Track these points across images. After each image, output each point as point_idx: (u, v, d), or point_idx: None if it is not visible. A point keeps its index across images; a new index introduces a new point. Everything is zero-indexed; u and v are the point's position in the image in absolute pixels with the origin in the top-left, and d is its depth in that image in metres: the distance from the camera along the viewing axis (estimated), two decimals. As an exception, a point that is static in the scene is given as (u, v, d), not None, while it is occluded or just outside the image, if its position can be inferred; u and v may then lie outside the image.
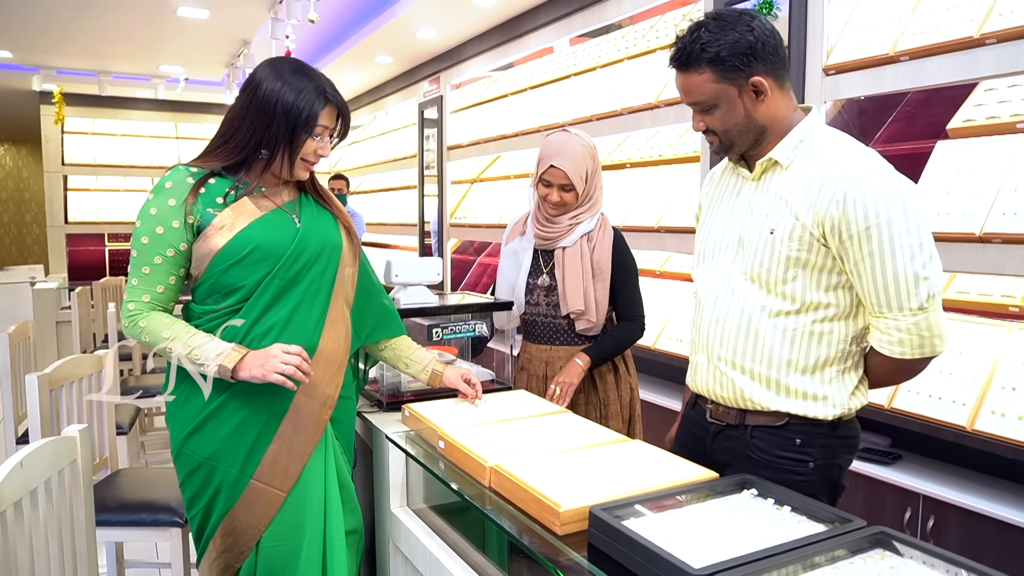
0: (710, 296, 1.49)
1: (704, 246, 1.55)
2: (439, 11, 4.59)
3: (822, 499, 1.39)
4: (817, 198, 1.32)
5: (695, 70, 1.36)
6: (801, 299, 1.37)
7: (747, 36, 1.32)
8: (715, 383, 1.48)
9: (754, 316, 1.40)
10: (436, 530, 1.63)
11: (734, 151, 1.44)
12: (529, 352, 2.23)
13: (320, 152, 1.57)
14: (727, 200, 1.51)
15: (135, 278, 1.51)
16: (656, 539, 1.04)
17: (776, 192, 1.39)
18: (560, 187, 2.08)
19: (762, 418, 1.43)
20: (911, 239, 1.27)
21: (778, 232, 1.36)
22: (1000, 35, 2.02)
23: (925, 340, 1.32)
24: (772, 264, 1.37)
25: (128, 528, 2.09)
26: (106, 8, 5.12)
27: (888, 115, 2.66)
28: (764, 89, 1.35)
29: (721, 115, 1.38)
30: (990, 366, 2.10)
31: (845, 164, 1.31)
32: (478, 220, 5.11)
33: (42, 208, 9.37)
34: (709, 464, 1.43)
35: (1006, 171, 2.09)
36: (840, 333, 1.38)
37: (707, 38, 1.33)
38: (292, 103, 1.49)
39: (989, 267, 2.04)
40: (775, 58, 1.35)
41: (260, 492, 1.54)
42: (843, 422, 1.42)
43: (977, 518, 1.97)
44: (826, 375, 1.39)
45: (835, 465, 1.44)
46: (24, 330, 3.14)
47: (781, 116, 1.39)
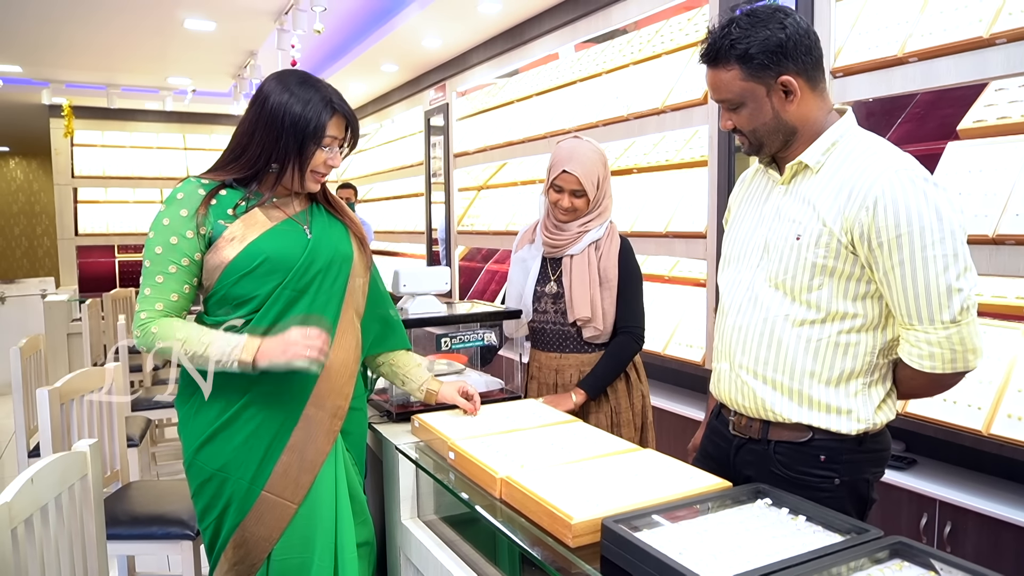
0: (733, 303, 1.45)
1: (730, 251, 1.51)
2: (444, 19, 4.60)
3: (851, 514, 1.35)
4: (847, 203, 1.28)
5: (724, 66, 1.33)
6: (826, 308, 1.32)
7: (779, 34, 1.29)
8: (736, 392, 1.44)
9: (777, 324, 1.37)
10: (447, 541, 1.62)
11: (764, 152, 1.40)
12: (539, 360, 2.22)
13: (330, 163, 1.57)
14: (755, 204, 1.47)
15: (148, 287, 1.50)
16: (670, 551, 1.03)
17: (804, 197, 1.35)
18: (572, 193, 2.08)
19: (785, 432, 1.39)
20: (945, 249, 1.22)
21: (804, 238, 1.32)
22: (1010, 35, 2.00)
23: (958, 354, 1.26)
24: (797, 271, 1.33)
25: (139, 542, 2.09)
26: (114, 22, 5.17)
27: (897, 117, 2.64)
28: (794, 89, 1.31)
29: (748, 114, 1.35)
30: (1006, 369, 2.07)
31: (877, 169, 1.26)
32: (485, 227, 5.10)
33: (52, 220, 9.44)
34: (732, 476, 1.41)
35: (1018, 172, 2.07)
36: (867, 345, 1.33)
37: (737, 34, 1.30)
38: (300, 115, 1.49)
39: (1003, 269, 2.02)
40: (808, 58, 1.32)
41: (271, 504, 1.54)
42: (870, 436, 1.37)
43: (995, 524, 1.94)
44: (851, 388, 1.35)
45: (863, 480, 1.39)
46: (35, 344, 3.15)
47: (813, 118, 1.35)
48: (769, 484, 1.31)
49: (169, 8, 4.81)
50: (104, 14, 4.97)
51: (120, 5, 4.76)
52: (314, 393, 1.56)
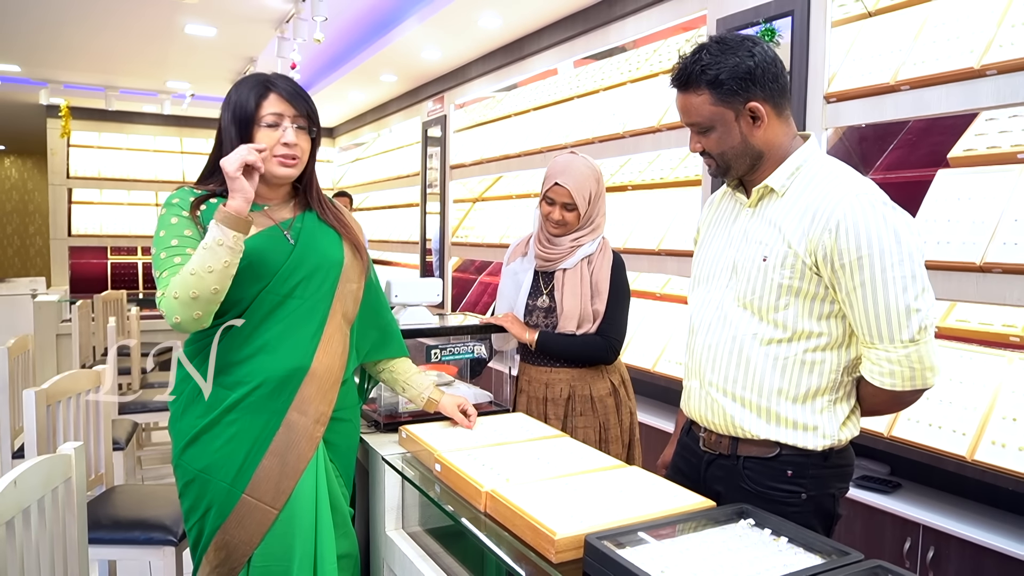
0: (703, 322, 1.49)
1: (699, 272, 1.55)
2: (443, 32, 4.63)
3: (817, 529, 1.39)
4: (810, 226, 1.32)
5: (694, 91, 1.37)
6: (793, 327, 1.36)
7: (747, 61, 1.33)
8: (707, 409, 1.47)
9: (746, 343, 1.40)
10: (431, 554, 1.62)
11: (731, 174, 1.44)
12: (529, 374, 2.22)
13: (284, 140, 1.55)
14: (724, 226, 1.51)
15: (166, 271, 1.48)
16: (652, 569, 1.03)
17: (770, 219, 1.39)
18: (563, 206, 2.10)
19: (754, 448, 1.42)
20: (904, 271, 1.26)
21: (771, 259, 1.36)
22: (1000, 66, 2.03)
23: (916, 372, 1.30)
24: (764, 291, 1.37)
25: (121, 546, 2.07)
26: (114, 25, 5.18)
27: (889, 143, 2.67)
28: (761, 115, 1.35)
29: (717, 137, 1.38)
30: (990, 396, 2.09)
31: (839, 193, 1.31)
32: (479, 239, 5.12)
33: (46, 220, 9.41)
34: (703, 491, 1.42)
35: (1007, 201, 2.09)
36: (832, 363, 1.37)
37: (708, 60, 1.34)
38: (235, 103, 1.56)
39: (990, 296, 2.04)
40: (774, 85, 1.36)
41: (251, 507, 1.54)
42: (835, 452, 1.40)
43: (977, 550, 1.95)
44: (817, 405, 1.38)
45: (828, 495, 1.43)
46: (23, 344, 3.14)
47: (778, 143, 1.39)
48: (737, 499, 1.34)
49: (170, 12, 4.82)
50: (105, 17, 4.98)
51: (121, 8, 4.77)
52: (297, 397, 1.56)
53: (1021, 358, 2.11)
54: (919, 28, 2.36)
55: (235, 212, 1.45)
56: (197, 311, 1.44)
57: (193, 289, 1.42)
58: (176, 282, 1.43)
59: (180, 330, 1.47)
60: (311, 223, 1.65)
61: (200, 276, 1.42)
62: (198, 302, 1.43)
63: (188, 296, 1.42)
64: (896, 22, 2.45)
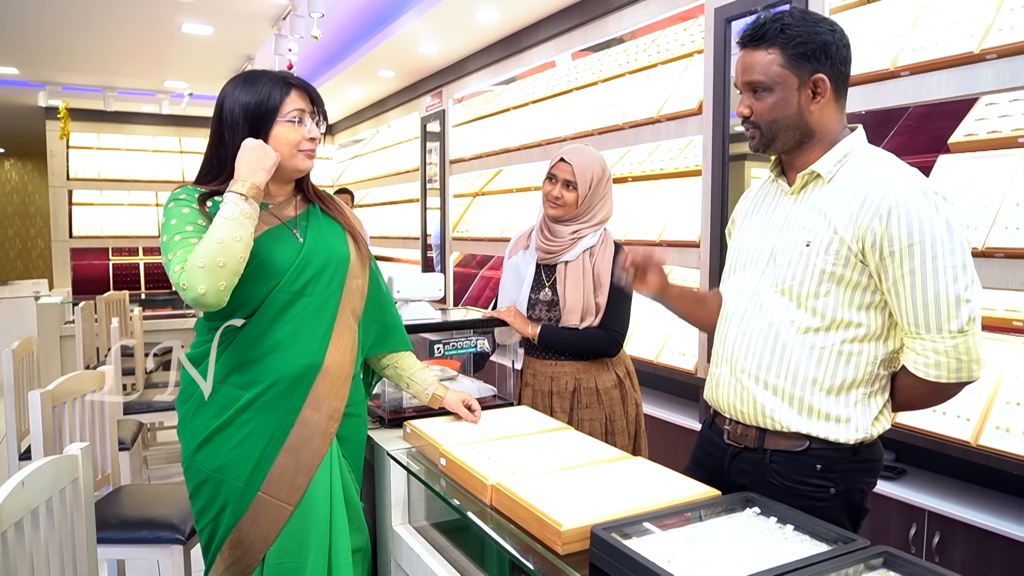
0: (738, 308, 1.46)
1: (735, 259, 1.52)
2: (441, 26, 4.62)
3: (844, 524, 1.36)
4: (859, 212, 1.29)
5: (765, 48, 1.34)
6: (832, 316, 1.34)
7: (827, 36, 1.33)
8: (736, 397, 1.44)
9: (782, 330, 1.37)
10: (438, 548, 1.62)
11: (774, 148, 1.40)
12: (533, 368, 2.22)
13: (309, 135, 1.59)
14: (762, 214, 1.49)
15: (179, 250, 1.44)
16: (659, 559, 1.03)
17: (815, 206, 1.36)
18: (564, 183, 2.12)
19: (782, 441, 1.39)
20: (955, 260, 1.24)
21: (814, 245, 1.34)
22: (1000, 50, 2.02)
23: (963, 364, 1.28)
24: (805, 277, 1.34)
25: (129, 545, 2.08)
26: (111, 25, 5.17)
27: (890, 129, 2.66)
28: (824, 90, 1.34)
29: (773, 102, 1.35)
30: (994, 381, 2.09)
31: (890, 180, 1.29)
32: (480, 233, 5.12)
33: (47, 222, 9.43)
34: (726, 486, 1.41)
35: (1008, 185, 2.09)
36: (869, 355, 1.35)
37: (789, 21, 1.33)
38: (253, 101, 1.54)
39: (992, 282, 2.04)
40: (843, 68, 1.36)
41: (267, 505, 1.54)
42: (865, 446, 1.38)
43: (983, 534, 1.95)
44: (851, 397, 1.36)
45: (857, 489, 1.40)
46: (28, 346, 3.15)
47: (831, 128, 1.37)
48: (764, 493, 1.32)
49: (167, 12, 4.82)
50: (102, 17, 4.98)
51: (118, 8, 4.76)
52: (311, 395, 1.57)
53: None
54: (918, 13, 2.35)
55: (260, 185, 1.47)
56: (223, 281, 1.40)
57: (220, 257, 1.39)
58: (200, 252, 1.40)
59: (201, 305, 1.41)
60: (316, 218, 1.66)
61: (227, 244, 1.40)
62: (225, 271, 1.40)
63: (216, 264, 1.39)
64: (895, 7, 2.44)
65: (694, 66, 3.26)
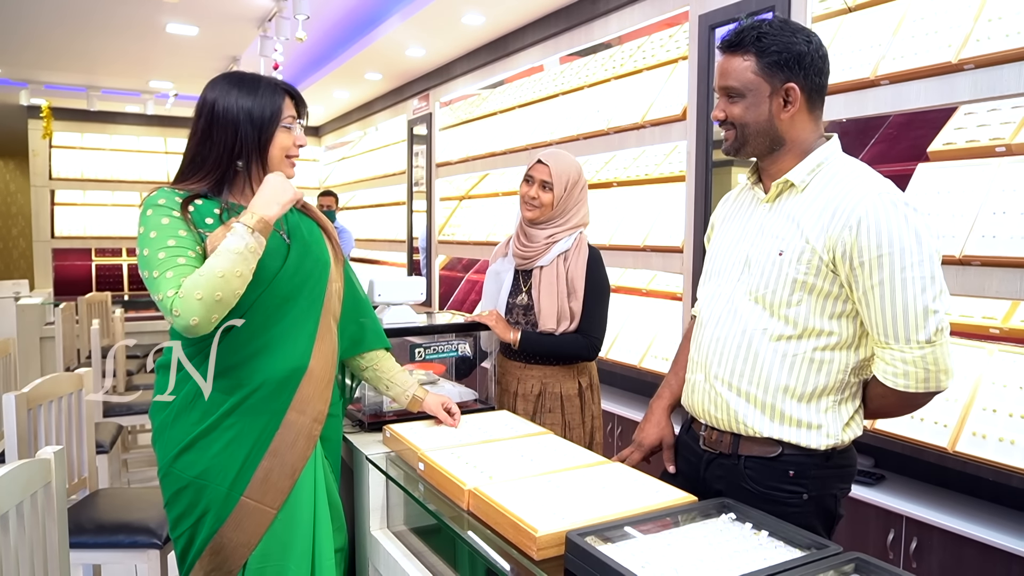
0: (712, 315, 1.47)
1: (711, 265, 1.53)
2: (428, 30, 4.62)
3: (818, 529, 1.37)
4: (830, 222, 1.31)
5: (741, 54, 1.36)
6: (803, 324, 1.35)
7: (802, 46, 1.34)
8: (710, 403, 1.46)
9: (755, 338, 1.39)
10: (415, 552, 1.62)
11: (744, 152, 1.42)
12: (503, 367, 2.24)
13: (299, 142, 1.61)
14: (738, 221, 1.50)
15: (169, 271, 1.41)
16: (632, 565, 1.03)
17: (788, 215, 1.38)
18: (540, 184, 2.15)
19: (755, 447, 1.41)
20: (923, 271, 1.26)
21: (787, 254, 1.35)
22: (978, 60, 2.05)
23: (931, 374, 1.29)
24: (778, 285, 1.36)
25: (105, 550, 2.05)
26: (95, 24, 5.13)
27: (870, 137, 2.69)
28: (794, 99, 1.35)
29: (745, 106, 1.37)
30: (971, 388, 2.11)
31: (861, 191, 1.30)
32: (466, 237, 5.11)
33: (29, 222, 9.31)
34: (703, 491, 1.42)
35: (985, 194, 2.11)
36: (840, 363, 1.36)
37: (766, 30, 1.35)
38: (253, 105, 1.53)
39: (969, 289, 2.06)
40: (817, 79, 1.37)
41: (250, 510, 1.52)
42: (837, 452, 1.39)
43: (959, 540, 1.97)
44: (822, 404, 1.37)
45: (830, 495, 1.41)
46: (5, 347, 3.11)
47: (803, 137, 1.39)
48: (739, 499, 1.32)
49: (151, 12, 4.79)
50: (85, 16, 4.94)
51: (102, 7, 4.73)
52: (296, 397, 1.55)
53: (1001, 350, 2.13)
54: (898, 23, 2.37)
55: (270, 220, 1.44)
56: (216, 314, 1.40)
57: (219, 291, 1.38)
58: (200, 283, 1.38)
59: (190, 332, 1.40)
60: (300, 221, 1.65)
61: (228, 280, 1.39)
62: (220, 304, 1.40)
63: (213, 298, 1.38)
64: (875, 17, 2.47)
65: (679, 72, 3.28)
